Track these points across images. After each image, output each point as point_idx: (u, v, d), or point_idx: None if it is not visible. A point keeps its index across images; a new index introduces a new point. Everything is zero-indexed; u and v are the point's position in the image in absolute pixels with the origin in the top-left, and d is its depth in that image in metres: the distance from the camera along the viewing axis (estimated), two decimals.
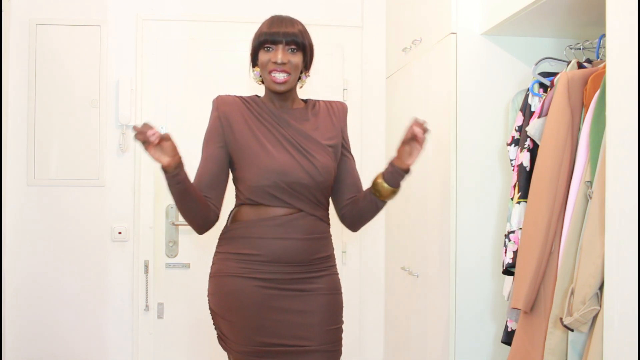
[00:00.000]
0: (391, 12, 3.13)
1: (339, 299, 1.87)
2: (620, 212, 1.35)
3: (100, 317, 3.08)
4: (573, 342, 1.59)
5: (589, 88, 1.70)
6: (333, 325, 1.83)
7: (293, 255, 1.78)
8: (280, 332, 1.77)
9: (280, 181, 1.76)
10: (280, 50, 1.78)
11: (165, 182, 1.70)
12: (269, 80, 1.80)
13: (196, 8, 3.14)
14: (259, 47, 1.81)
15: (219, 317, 1.83)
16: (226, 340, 1.82)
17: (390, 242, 3.11)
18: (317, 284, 1.81)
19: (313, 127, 1.86)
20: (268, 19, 1.84)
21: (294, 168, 1.77)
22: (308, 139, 1.82)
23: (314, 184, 1.79)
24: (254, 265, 1.78)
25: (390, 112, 3.11)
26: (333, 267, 1.88)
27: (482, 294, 2.28)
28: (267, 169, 1.76)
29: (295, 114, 1.87)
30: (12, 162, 3.01)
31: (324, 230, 1.85)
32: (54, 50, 3.04)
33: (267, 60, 1.78)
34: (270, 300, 1.77)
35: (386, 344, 3.18)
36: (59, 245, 3.05)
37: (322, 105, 1.93)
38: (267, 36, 1.78)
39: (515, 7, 1.97)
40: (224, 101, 1.86)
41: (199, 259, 3.12)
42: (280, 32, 1.78)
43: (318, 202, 1.82)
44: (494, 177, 2.28)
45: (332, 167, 1.84)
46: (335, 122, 1.91)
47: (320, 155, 1.81)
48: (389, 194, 1.82)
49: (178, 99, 3.11)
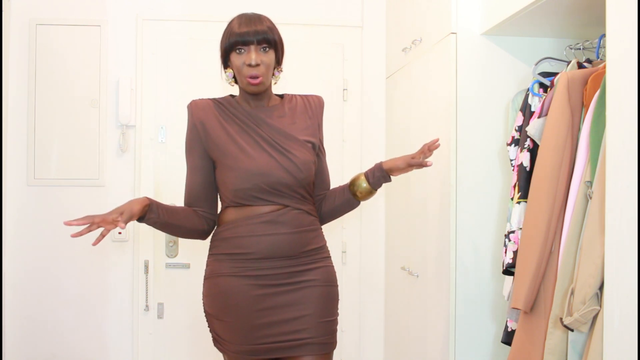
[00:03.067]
0: (391, 12, 3.13)
1: (333, 291, 1.88)
2: (620, 212, 1.35)
3: (100, 317, 3.08)
4: (573, 342, 1.59)
5: (589, 88, 1.70)
6: (327, 318, 1.83)
7: (283, 250, 1.78)
8: (276, 329, 1.77)
9: (262, 183, 1.77)
10: (253, 51, 1.77)
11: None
12: (245, 83, 1.79)
13: (196, 8, 3.14)
14: (231, 49, 1.79)
15: (214, 319, 1.84)
16: (222, 342, 1.83)
17: (390, 242, 3.11)
18: (311, 276, 1.82)
19: (290, 122, 1.86)
20: (235, 19, 1.82)
21: (274, 168, 1.78)
22: (286, 136, 1.82)
23: (295, 182, 1.80)
24: (246, 264, 1.78)
25: (390, 112, 3.10)
26: (327, 259, 1.90)
27: (482, 294, 2.28)
28: (247, 171, 1.77)
29: (271, 111, 1.86)
30: (12, 162, 3.01)
31: (311, 223, 1.86)
32: (54, 50, 3.04)
33: (241, 64, 1.78)
34: (264, 298, 1.77)
35: (386, 344, 3.18)
36: (59, 245, 3.04)
37: (298, 100, 1.93)
38: (238, 37, 1.76)
39: (515, 7, 1.97)
40: (198, 106, 1.87)
41: (199, 259, 3.11)
42: (250, 31, 1.76)
43: (302, 197, 1.83)
44: (494, 177, 2.28)
45: (311, 161, 1.84)
46: (312, 116, 1.91)
47: (299, 151, 1.81)
48: (367, 194, 1.90)
49: (178, 99, 3.11)
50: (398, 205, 2.97)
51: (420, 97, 2.63)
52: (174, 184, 3.09)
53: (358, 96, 3.21)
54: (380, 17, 3.21)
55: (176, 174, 3.08)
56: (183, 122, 3.09)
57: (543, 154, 1.78)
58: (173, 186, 3.10)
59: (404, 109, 2.86)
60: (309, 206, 1.86)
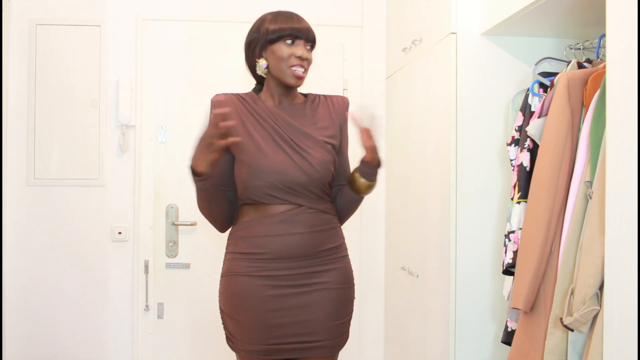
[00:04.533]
0: (391, 12, 3.13)
1: (347, 293, 1.87)
2: (620, 212, 1.35)
3: (100, 317, 3.08)
4: (573, 342, 1.59)
5: (589, 88, 1.70)
6: (339, 320, 1.83)
7: (298, 250, 1.78)
8: (287, 330, 1.77)
9: (276, 181, 1.76)
10: (302, 46, 1.79)
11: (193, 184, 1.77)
12: (289, 73, 1.79)
13: (195, 8, 3.14)
14: (278, 39, 1.79)
15: (227, 317, 1.84)
16: (234, 340, 1.83)
17: (390, 242, 3.11)
18: (325, 278, 1.81)
19: (310, 122, 1.86)
20: (279, 13, 1.83)
21: (289, 167, 1.77)
22: (304, 135, 1.82)
23: (310, 181, 1.79)
24: (260, 264, 1.78)
25: (390, 112, 3.10)
26: (344, 258, 1.89)
27: (482, 294, 2.28)
28: (262, 169, 1.77)
29: (293, 110, 1.86)
30: (12, 162, 3.01)
31: (328, 222, 1.84)
32: (54, 50, 3.04)
33: (289, 54, 1.78)
34: (277, 299, 1.77)
35: (386, 344, 3.18)
36: (59, 245, 3.05)
37: (321, 100, 1.93)
38: (292, 31, 1.78)
39: (515, 7, 1.97)
40: (220, 101, 1.86)
41: (199, 259, 3.12)
42: (302, 28, 1.80)
43: (318, 197, 1.82)
44: (494, 177, 2.28)
45: (329, 161, 1.83)
46: (335, 117, 1.91)
47: (316, 151, 1.81)
48: (366, 188, 1.88)
49: (178, 98, 3.11)
50: (398, 205, 2.97)
51: (420, 97, 2.63)
52: (174, 184, 3.10)
53: (358, 96, 3.21)
54: (380, 17, 3.21)
55: (176, 174, 3.09)
56: (183, 122, 3.11)
57: (543, 154, 1.78)
58: (173, 186, 3.10)
59: (404, 109, 2.86)
60: (325, 205, 1.85)
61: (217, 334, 3.09)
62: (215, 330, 3.09)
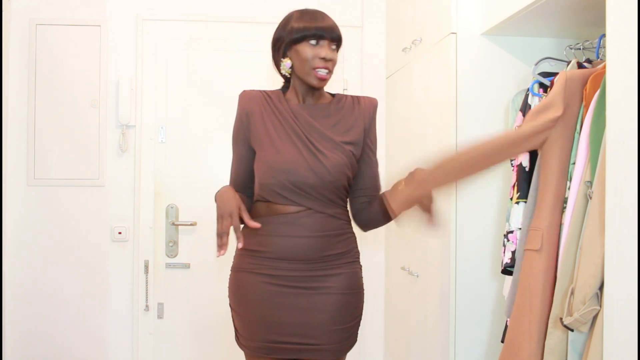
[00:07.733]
0: (391, 12, 3.13)
1: (353, 298, 1.83)
2: (620, 212, 1.35)
3: (100, 317, 3.08)
4: (573, 342, 1.59)
5: (589, 88, 1.70)
6: (341, 325, 1.79)
7: (301, 253, 1.76)
8: (287, 330, 1.76)
9: (285, 180, 1.75)
10: (327, 46, 1.77)
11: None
12: (312, 75, 1.77)
13: (196, 8, 3.14)
14: (302, 39, 1.76)
15: (234, 312, 1.85)
16: (239, 336, 1.84)
17: (390, 242, 3.11)
18: (329, 283, 1.78)
19: (332, 123, 1.83)
20: (305, 12, 1.81)
21: (300, 167, 1.75)
22: (322, 136, 1.79)
23: (322, 183, 1.75)
24: (263, 262, 1.78)
25: (390, 112, 3.10)
26: (353, 263, 1.84)
27: (482, 294, 2.28)
28: (274, 167, 1.76)
29: (316, 109, 1.84)
30: (12, 162, 3.02)
31: (337, 227, 1.80)
32: (54, 50, 3.04)
33: (313, 55, 1.75)
34: (276, 297, 1.76)
35: (386, 344, 3.18)
36: (59, 245, 3.05)
37: (348, 101, 1.89)
38: (316, 31, 1.75)
39: (515, 7, 1.97)
40: (247, 97, 1.86)
41: (199, 259, 3.12)
42: (327, 27, 1.76)
43: (329, 200, 1.79)
44: (494, 177, 2.28)
45: (345, 165, 1.79)
46: (359, 119, 1.87)
47: (332, 153, 1.77)
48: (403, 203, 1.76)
49: (178, 98, 3.11)
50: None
51: (420, 97, 2.63)
52: (174, 184, 3.10)
53: None
54: (380, 17, 3.21)
55: (176, 174, 3.09)
56: (183, 122, 3.11)
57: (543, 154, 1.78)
58: (173, 186, 3.10)
59: (404, 109, 2.86)
60: (337, 209, 1.81)
61: (217, 333, 3.10)
62: (216, 330, 3.10)
